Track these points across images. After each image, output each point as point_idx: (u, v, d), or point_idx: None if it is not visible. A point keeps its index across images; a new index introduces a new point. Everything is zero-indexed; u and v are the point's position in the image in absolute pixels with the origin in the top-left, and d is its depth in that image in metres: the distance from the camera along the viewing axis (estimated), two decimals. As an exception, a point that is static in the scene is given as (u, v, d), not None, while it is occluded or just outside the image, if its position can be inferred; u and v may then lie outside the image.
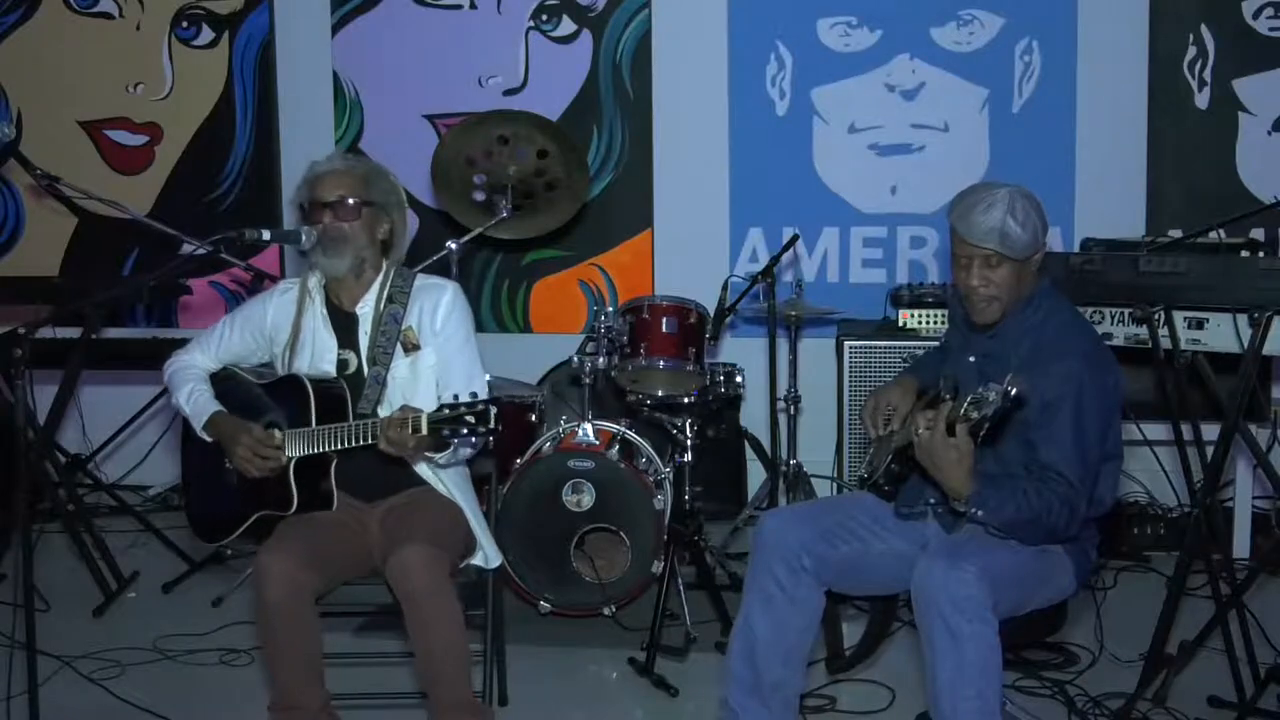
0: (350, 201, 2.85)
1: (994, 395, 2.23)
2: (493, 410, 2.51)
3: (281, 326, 2.95)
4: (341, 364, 2.89)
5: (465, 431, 2.52)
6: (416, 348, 2.88)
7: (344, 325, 2.92)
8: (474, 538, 2.92)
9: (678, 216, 5.04)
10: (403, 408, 2.66)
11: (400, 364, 2.88)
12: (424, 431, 2.57)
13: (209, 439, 2.88)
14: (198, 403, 2.90)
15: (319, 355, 2.90)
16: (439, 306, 2.90)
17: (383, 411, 2.84)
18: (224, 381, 2.98)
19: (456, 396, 2.58)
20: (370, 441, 2.66)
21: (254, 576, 2.66)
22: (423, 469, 2.89)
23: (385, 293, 2.91)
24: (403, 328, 2.88)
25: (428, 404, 2.82)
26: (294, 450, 2.76)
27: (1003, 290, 2.58)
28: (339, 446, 2.71)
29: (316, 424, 2.75)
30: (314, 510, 2.78)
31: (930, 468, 2.44)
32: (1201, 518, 3.02)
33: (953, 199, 2.60)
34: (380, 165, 3.00)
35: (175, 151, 5.23)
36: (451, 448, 2.71)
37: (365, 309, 2.91)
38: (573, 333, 4.92)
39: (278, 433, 2.78)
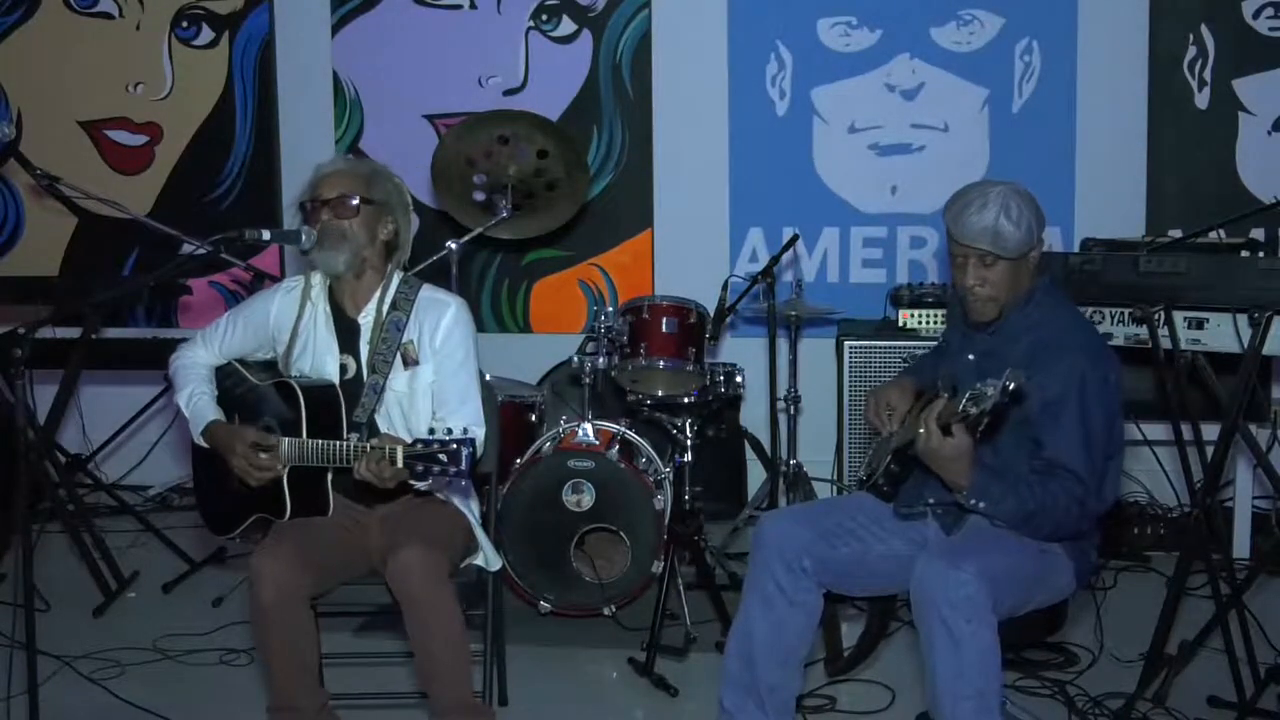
0: (349, 198, 2.83)
1: (992, 390, 2.25)
2: (465, 451, 2.50)
3: (284, 326, 2.93)
4: (341, 368, 2.88)
5: (437, 469, 2.53)
6: (415, 363, 2.86)
7: (346, 330, 2.90)
8: (474, 539, 2.92)
9: (678, 216, 5.04)
10: (381, 436, 2.66)
11: (399, 376, 2.86)
12: (399, 465, 2.56)
13: (205, 445, 2.87)
14: (196, 407, 2.89)
15: (320, 358, 2.89)
16: (441, 323, 2.87)
17: (380, 421, 2.83)
18: (227, 378, 2.97)
19: (433, 431, 2.59)
20: (351, 464, 2.65)
21: (248, 579, 2.66)
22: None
23: (389, 299, 2.89)
24: (404, 340, 2.86)
25: (425, 420, 2.82)
26: (285, 458, 2.74)
27: (999, 289, 2.59)
28: (323, 464, 2.70)
29: (308, 434, 2.73)
30: (309, 516, 2.78)
31: (932, 464, 2.45)
32: (1201, 518, 3.02)
33: (948, 199, 2.61)
34: (385, 168, 2.97)
35: (175, 151, 5.24)
36: (428, 482, 2.67)
37: (367, 317, 2.89)
38: (573, 333, 4.92)
39: (274, 438, 2.76)
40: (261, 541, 2.74)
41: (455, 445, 2.51)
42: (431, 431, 2.59)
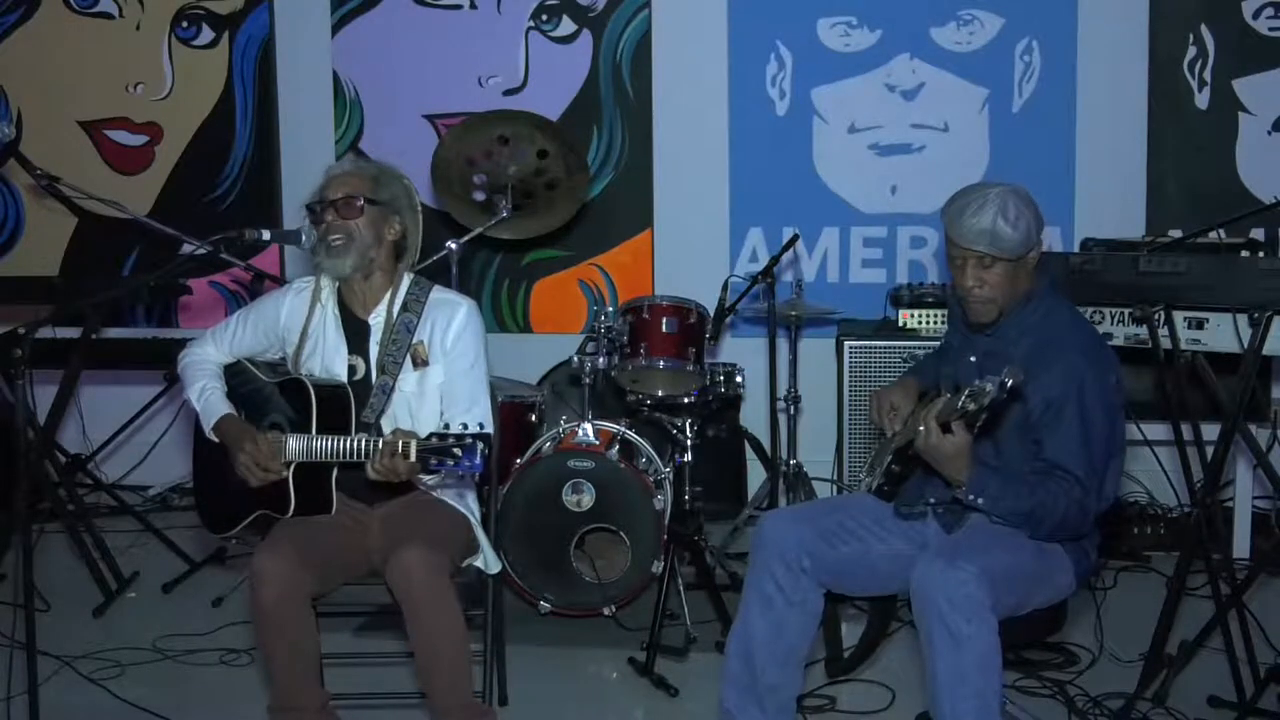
0: (355, 199, 2.82)
1: (990, 387, 2.26)
2: (480, 446, 2.51)
3: (294, 326, 2.92)
4: (350, 369, 2.88)
5: (451, 463, 2.53)
6: (425, 364, 2.86)
7: (355, 331, 2.89)
8: (475, 539, 2.92)
9: (678, 216, 5.04)
10: (394, 432, 2.66)
11: (408, 377, 2.86)
12: (413, 459, 2.57)
13: (216, 439, 2.87)
14: (209, 402, 2.89)
15: (329, 358, 2.88)
16: (451, 324, 2.87)
17: (385, 423, 2.83)
18: (236, 375, 2.97)
19: (448, 426, 2.59)
20: (362, 460, 2.66)
21: (249, 578, 2.66)
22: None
23: (400, 300, 2.89)
24: (414, 341, 2.86)
25: (432, 421, 2.81)
26: (292, 455, 2.75)
27: (998, 290, 2.59)
28: (332, 459, 2.70)
29: (317, 431, 2.73)
30: (312, 514, 2.78)
31: (931, 461, 2.46)
32: (1201, 518, 3.02)
33: (946, 201, 2.61)
34: (395, 169, 2.96)
35: (175, 151, 5.23)
36: (439, 475, 2.68)
37: (377, 319, 2.89)
38: (573, 333, 4.92)
39: (281, 436, 2.76)
40: (262, 541, 2.74)
41: (470, 440, 2.52)
42: (446, 427, 2.59)
